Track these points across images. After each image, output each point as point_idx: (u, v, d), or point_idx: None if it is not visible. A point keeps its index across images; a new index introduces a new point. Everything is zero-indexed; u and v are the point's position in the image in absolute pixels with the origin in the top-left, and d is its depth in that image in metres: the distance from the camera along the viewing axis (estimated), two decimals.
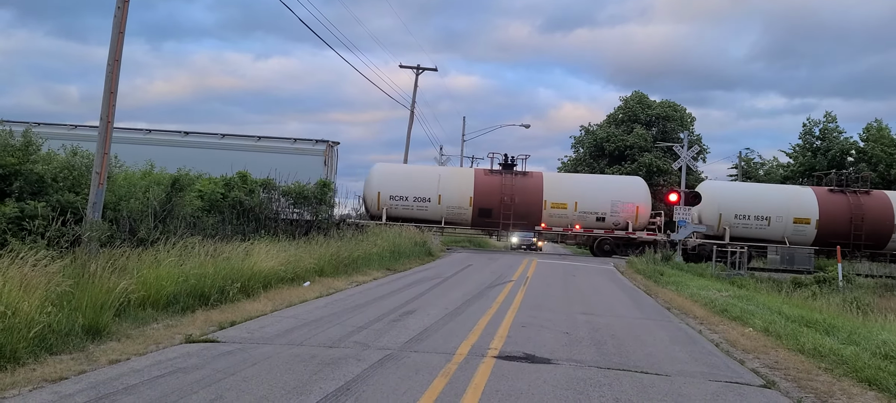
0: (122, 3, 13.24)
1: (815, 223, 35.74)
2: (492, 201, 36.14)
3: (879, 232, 35.86)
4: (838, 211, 36.16)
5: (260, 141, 32.69)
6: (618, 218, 36.34)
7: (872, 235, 35.74)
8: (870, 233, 35.61)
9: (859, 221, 35.43)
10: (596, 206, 36.37)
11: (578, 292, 18.22)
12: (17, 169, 12.29)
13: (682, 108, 65.07)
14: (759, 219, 36.04)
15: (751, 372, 9.11)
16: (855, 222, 35.50)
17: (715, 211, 36.21)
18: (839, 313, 16.07)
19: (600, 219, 36.38)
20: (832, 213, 36.03)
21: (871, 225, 35.64)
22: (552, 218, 36.57)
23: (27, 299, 7.83)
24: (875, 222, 35.78)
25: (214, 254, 13.62)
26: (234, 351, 8.43)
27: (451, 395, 6.86)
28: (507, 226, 34.92)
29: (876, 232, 35.76)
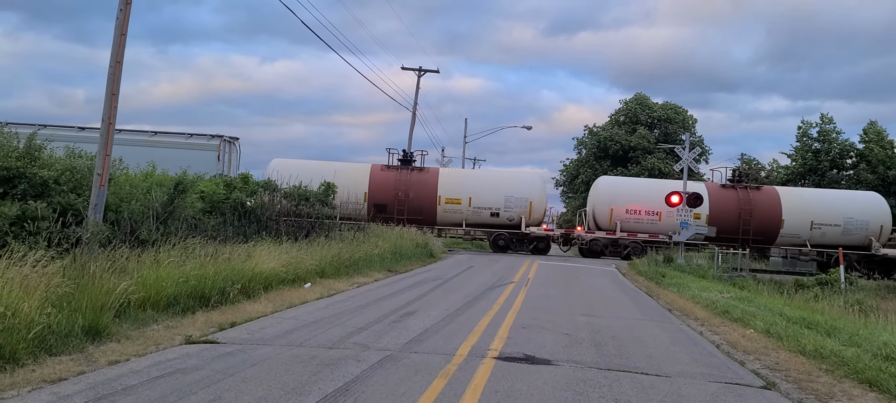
0: (123, 6, 13.24)
1: (706, 218, 36.19)
2: (387, 196, 36.32)
3: (768, 226, 36.55)
4: (728, 206, 36.78)
5: (155, 136, 32.70)
6: (512, 214, 36.51)
7: (761, 230, 36.43)
8: (758, 228, 36.29)
9: (748, 216, 36.15)
10: (489, 202, 36.51)
11: (580, 293, 18.21)
12: (21, 171, 12.30)
13: (683, 110, 65.04)
14: (650, 214, 36.59)
15: (751, 374, 9.09)
16: (743, 217, 36.23)
17: (607, 207, 36.82)
18: (841, 315, 16.05)
19: (494, 214, 36.55)
20: (722, 208, 36.63)
21: (760, 219, 36.36)
22: (447, 213, 36.82)
23: (27, 300, 7.83)
24: (763, 217, 36.50)
25: (215, 256, 13.62)
26: (234, 352, 8.43)
27: (450, 396, 6.85)
28: (402, 222, 34.90)
29: (764, 226, 36.46)
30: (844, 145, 52.92)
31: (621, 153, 60.71)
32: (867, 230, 36.41)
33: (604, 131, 64.01)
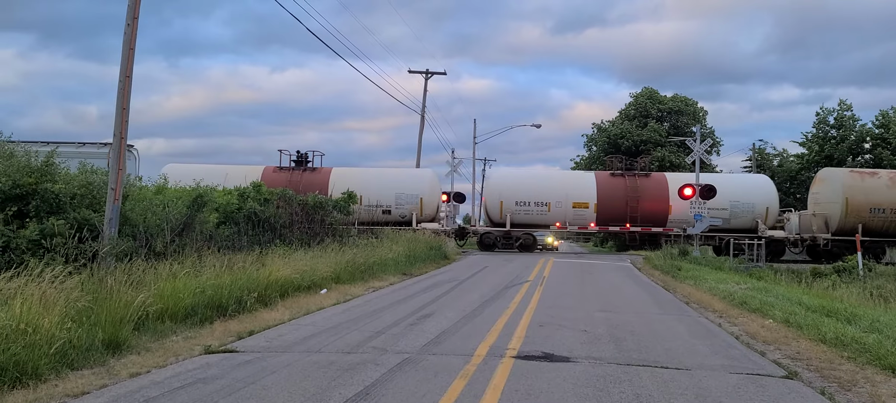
0: (130, 21, 13.34)
1: (594, 206, 36.57)
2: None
3: (656, 212, 36.64)
4: (616, 194, 36.95)
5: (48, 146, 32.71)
6: (404, 211, 36.71)
7: (649, 216, 36.55)
8: (646, 215, 36.40)
9: (635, 203, 36.28)
10: (381, 199, 36.65)
11: (595, 290, 18.16)
12: (33, 188, 12.39)
13: (693, 102, 64.72)
14: (538, 205, 36.82)
15: (772, 364, 9.04)
16: (631, 204, 36.40)
17: (497, 200, 37.06)
18: (860, 302, 15.91)
19: (386, 212, 36.75)
20: (610, 197, 36.84)
21: (648, 206, 36.45)
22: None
23: (47, 316, 7.88)
24: (652, 203, 36.57)
25: (230, 265, 13.68)
26: (254, 360, 8.45)
27: (471, 396, 6.84)
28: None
29: (652, 213, 36.55)
30: (862, 131, 52.48)
31: (632, 147, 60.49)
32: (754, 212, 36.47)
33: (614, 127, 63.81)
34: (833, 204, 36.01)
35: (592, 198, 36.91)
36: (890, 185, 35.68)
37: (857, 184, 36.05)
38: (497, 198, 37.29)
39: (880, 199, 35.30)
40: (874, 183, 36.16)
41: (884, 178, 36.63)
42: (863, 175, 37.64)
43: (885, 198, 35.38)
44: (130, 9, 13.36)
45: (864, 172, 38.75)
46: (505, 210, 37.13)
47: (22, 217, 12.36)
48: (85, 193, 13.50)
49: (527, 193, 37.29)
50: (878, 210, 35.44)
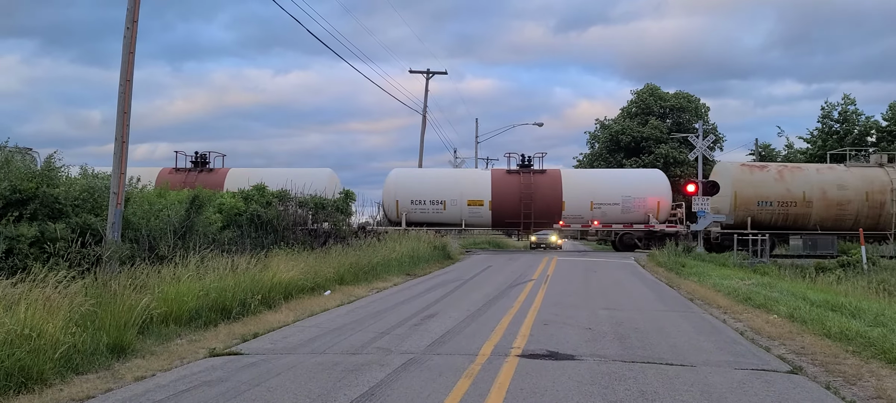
0: (130, 24, 13.36)
1: (488, 204, 36.51)
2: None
3: (549, 209, 36.70)
4: (510, 191, 36.91)
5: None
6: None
7: (543, 212, 36.64)
8: (540, 211, 36.49)
9: (529, 200, 36.39)
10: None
11: (600, 287, 18.14)
12: (34, 192, 12.40)
13: (696, 99, 64.59)
14: (434, 204, 36.84)
15: (777, 359, 9.02)
16: (524, 201, 36.49)
17: (393, 199, 37.11)
18: (865, 296, 15.89)
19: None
20: (504, 194, 36.80)
21: (542, 203, 36.48)
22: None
23: (51, 321, 7.90)
24: (545, 199, 36.62)
25: (234, 268, 13.69)
26: (258, 363, 8.45)
27: (476, 395, 6.84)
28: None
29: (546, 209, 36.62)
30: (867, 124, 52.34)
31: (634, 144, 60.42)
32: (646, 207, 36.47)
33: (616, 124, 63.73)
34: (724, 197, 36.41)
35: (487, 195, 36.77)
36: (778, 178, 36.10)
37: (746, 178, 36.46)
38: (393, 198, 37.17)
39: (768, 192, 35.72)
40: (762, 176, 36.62)
41: (772, 171, 37.06)
42: (752, 168, 38.10)
43: (772, 191, 35.78)
44: (130, 12, 13.39)
45: (754, 166, 39.15)
46: (401, 209, 37.04)
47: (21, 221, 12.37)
48: (86, 197, 13.51)
49: (422, 192, 37.18)
50: (766, 203, 35.91)
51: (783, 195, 35.64)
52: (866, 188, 35.87)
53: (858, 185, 35.92)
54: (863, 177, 36.12)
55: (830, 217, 35.78)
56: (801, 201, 35.69)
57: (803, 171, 37.01)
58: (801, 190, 35.83)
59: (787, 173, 36.78)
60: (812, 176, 36.38)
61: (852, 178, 36.10)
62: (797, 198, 35.64)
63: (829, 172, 36.87)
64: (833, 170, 37.25)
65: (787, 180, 36.24)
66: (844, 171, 36.79)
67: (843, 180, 36.03)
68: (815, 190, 35.82)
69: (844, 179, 36.08)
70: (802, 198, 35.69)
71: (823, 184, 35.88)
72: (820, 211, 35.72)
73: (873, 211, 35.84)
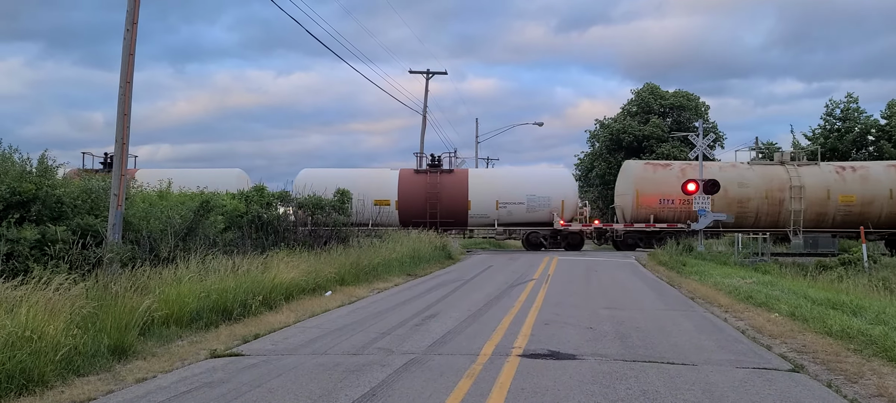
0: (130, 26, 13.36)
1: (395, 204, 36.63)
2: None
3: (456, 208, 36.75)
4: (417, 191, 36.96)
5: None
6: None
7: (449, 212, 36.73)
8: (447, 210, 36.59)
9: (435, 200, 36.50)
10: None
11: (600, 287, 18.14)
12: (34, 194, 12.41)
13: (695, 97, 64.58)
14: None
15: (778, 357, 9.02)
16: (430, 201, 36.60)
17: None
18: (866, 294, 15.87)
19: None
20: (411, 194, 36.85)
21: (448, 202, 36.51)
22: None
23: (52, 323, 7.90)
24: (451, 199, 36.65)
25: (235, 269, 13.69)
26: (259, 364, 8.45)
27: (477, 395, 6.84)
28: None
29: (452, 208, 36.68)
30: (868, 123, 52.39)
31: (635, 143, 60.41)
32: (550, 206, 36.51)
33: (616, 123, 63.71)
34: (627, 195, 36.66)
35: (394, 195, 36.74)
36: (680, 176, 36.22)
37: (649, 176, 36.74)
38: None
39: (670, 190, 35.89)
40: (665, 174, 36.90)
41: (675, 170, 37.33)
42: (655, 166, 38.39)
43: (675, 189, 35.87)
44: (129, 14, 13.39)
45: (657, 164, 39.44)
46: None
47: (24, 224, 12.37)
48: (85, 199, 13.52)
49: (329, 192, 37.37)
50: (668, 201, 36.19)
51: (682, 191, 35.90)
52: (766, 186, 36.40)
53: (759, 183, 36.45)
54: (764, 175, 36.64)
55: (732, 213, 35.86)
56: None
57: (706, 169, 37.19)
58: None
59: (689, 170, 37.07)
60: (714, 174, 36.55)
61: (754, 176, 36.58)
62: None
63: (731, 170, 37.33)
64: (736, 167, 37.75)
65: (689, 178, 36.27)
66: (746, 169, 37.27)
67: (744, 178, 36.48)
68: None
69: (746, 177, 36.51)
70: None
71: (725, 182, 36.11)
72: (722, 208, 35.83)
73: (773, 209, 36.39)
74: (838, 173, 37.19)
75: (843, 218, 36.54)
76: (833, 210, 36.53)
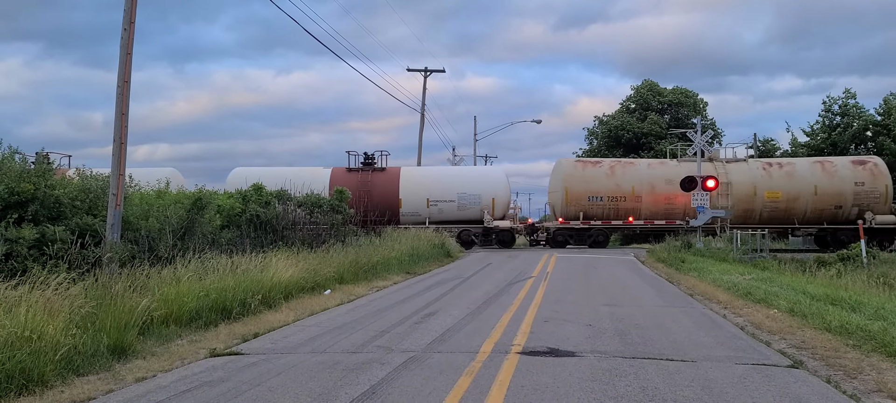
0: (127, 26, 13.34)
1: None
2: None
3: (387, 206, 36.88)
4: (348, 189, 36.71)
5: None
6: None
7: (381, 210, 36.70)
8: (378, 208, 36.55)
9: (367, 198, 36.52)
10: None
11: (599, 284, 18.15)
12: (33, 194, 12.39)
13: (693, 94, 64.71)
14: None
15: (777, 353, 9.03)
16: (362, 199, 36.48)
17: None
18: (865, 290, 15.90)
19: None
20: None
21: (380, 200, 36.64)
22: None
23: (51, 322, 7.90)
24: (383, 197, 36.85)
25: (234, 268, 13.68)
26: (259, 362, 8.46)
27: (477, 393, 6.84)
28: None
29: (384, 206, 36.76)
30: (866, 118, 52.41)
31: (633, 140, 60.45)
32: (481, 204, 36.58)
33: (615, 119, 63.76)
34: (557, 192, 36.83)
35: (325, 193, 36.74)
36: (609, 174, 36.66)
37: (578, 173, 36.99)
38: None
39: (599, 188, 36.36)
40: (594, 172, 37.17)
41: (604, 167, 37.64)
42: (585, 164, 38.69)
43: (603, 186, 36.34)
44: (127, 14, 13.37)
45: (588, 161, 39.98)
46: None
47: (22, 224, 12.35)
48: (83, 198, 13.50)
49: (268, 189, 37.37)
50: (597, 198, 36.53)
51: (613, 190, 36.43)
52: None
53: None
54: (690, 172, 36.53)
55: (660, 211, 36.54)
56: (631, 196, 36.49)
57: (635, 166, 37.79)
58: (630, 185, 36.60)
59: (619, 168, 37.44)
60: (642, 171, 37.12)
61: (681, 173, 36.46)
62: (626, 193, 36.45)
63: (659, 167, 37.67)
64: (664, 165, 38.09)
65: (618, 175, 36.91)
66: (675, 166, 37.49)
67: (671, 175, 36.61)
68: (644, 185, 36.63)
69: (673, 174, 36.65)
70: (632, 192, 36.53)
71: (652, 179, 36.57)
72: (649, 205, 36.51)
73: None
74: (765, 170, 37.48)
75: (769, 214, 36.84)
76: (760, 206, 36.79)
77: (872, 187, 36.20)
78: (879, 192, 36.17)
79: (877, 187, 36.23)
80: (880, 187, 36.27)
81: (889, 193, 36.38)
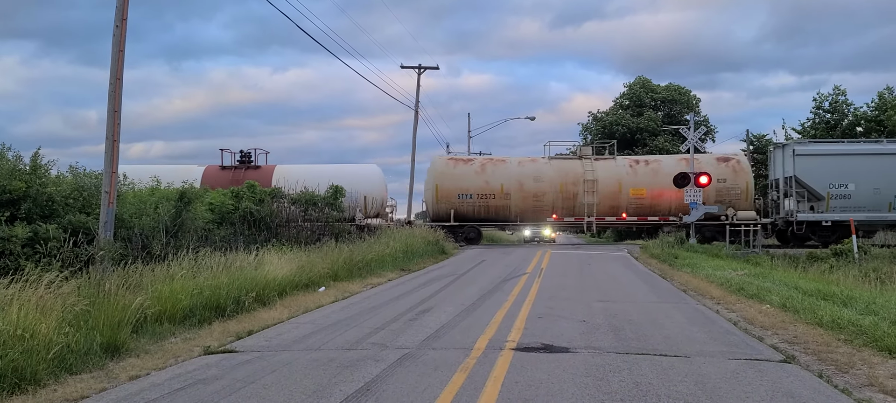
0: (119, 23, 13.29)
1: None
2: None
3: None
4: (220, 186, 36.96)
5: None
6: None
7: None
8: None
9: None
10: None
11: (593, 280, 18.18)
12: (25, 192, 12.35)
13: (687, 91, 64.72)
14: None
15: (770, 348, 9.07)
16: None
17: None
18: (856, 285, 15.95)
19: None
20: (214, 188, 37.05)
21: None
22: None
23: (44, 321, 7.87)
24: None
25: (227, 266, 13.66)
26: (253, 360, 8.45)
27: (471, 389, 6.85)
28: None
29: None
30: (857, 114, 52.64)
31: (627, 136, 60.48)
32: (355, 202, 36.25)
33: (609, 116, 63.79)
34: (429, 190, 36.96)
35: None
36: (479, 171, 36.73)
37: (449, 171, 37.05)
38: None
39: (468, 185, 36.46)
40: (465, 169, 37.25)
41: (475, 165, 37.78)
42: (456, 162, 38.62)
43: (472, 183, 36.42)
44: (118, 11, 13.32)
45: (459, 159, 39.75)
46: None
47: (14, 222, 12.32)
48: (76, 197, 13.46)
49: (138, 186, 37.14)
50: (466, 195, 36.64)
51: (482, 187, 36.45)
52: (561, 179, 36.80)
53: (554, 177, 36.84)
54: (559, 170, 37.09)
55: (529, 208, 36.56)
56: (500, 193, 36.51)
57: (506, 164, 37.69)
58: (499, 182, 36.60)
59: (489, 166, 37.48)
60: (512, 168, 37.11)
61: (550, 170, 37.02)
62: (495, 191, 36.45)
63: (530, 165, 37.71)
64: (535, 162, 38.13)
65: (488, 173, 36.91)
66: (544, 164, 37.68)
67: (540, 172, 36.89)
68: (512, 182, 36.65)
69: (542, 171, 36.92)
70: (501, 190, 36.53)
71: (521, 177, 36.62)
72: (518, 203, 36.55)
73: (567, 202, 36.79)
74: (632, 166, 37.60)
75: (635, 210, 36.94)
76: (625, 202, 36.82)
77: (734, 183, 36.35)
78: (740, 189, 36.33)
79: (738, 184, 36.39)
80: (741, 184, 36.41)
81: (750, 189, 36.63)
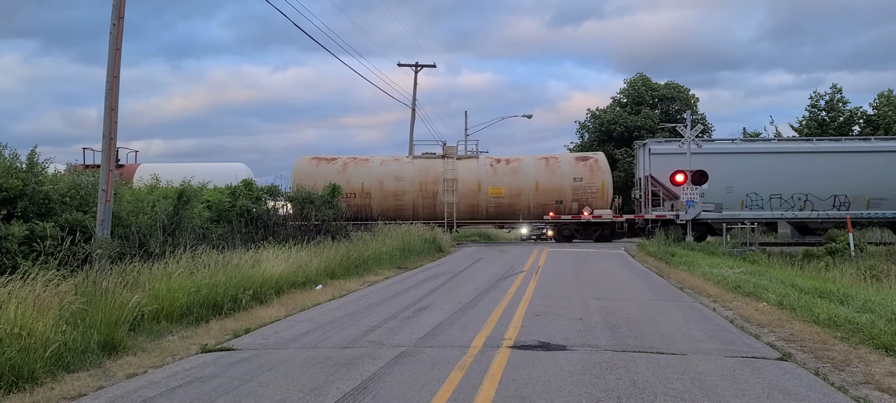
0: (116, 21, 13.27)
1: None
2: None
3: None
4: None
5: None
6: None
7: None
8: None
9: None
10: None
11: (590, 278, 18.20)
12: (22, 190, 12.32)
13: (685, 89, 64.70)
14: None
15: (767, 346, 9.08)
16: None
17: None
18: (853, 282, 15.99)
19: None
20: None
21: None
22: None
23: (41, 319, 7.87)
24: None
25: (225, 264, 13.65)
26: (250, 358, 8.45)
27: (469, 387, 6.86)
28: None
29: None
30: (852, 112, 52.78)
31: (625, 134, 60.47)
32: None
33: (607, 113, 63.78)
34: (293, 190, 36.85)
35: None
36: (341, 171, 36.80)
37: (310, 170, 36.97)
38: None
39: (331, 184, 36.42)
40: (327, 169, 37.17)
41: (338, 164, 37.75)
42: (319, 161, 38.41)
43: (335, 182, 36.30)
44: (115, 9, 13.30)
45: (322, 158, 39.45)
46: None
47: (11, 220, 12.29)
48: (74, 195, 13.44)
49: None
50: None
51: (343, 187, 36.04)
52: (421, 179, 36.95)
53: (414, 176, 36.99)
54: (421, 169, 37.20)
55: (390, 207, 36.61)
56: (361, 192, 36.60)
57: (368, 163, 37.71)
58: (360, 181, 36.74)
59: (351, 165, 37.45)
60: (374, 168, 37.21)
61: (411, 170, 37.14)
62: (357, 190, 36.50)
63: (393, 164, 37.85)
64: (398, 161, 38.26)
65: (350, 172, 36.94)
66: (407, 163, 37.86)
67: (402, 172, 37.08)
68: (373, 181, 36.83)
69: (403, 171, 37.09)
70: (361, 189, 36.66)
71: (382, 176, 36.76)
72: (379, 202, 36.68)
73: (428, 201, 36.94)
74: (492, 166, 37.64)
75: (495, 209, 37.14)
76: (484, 202, 36.97)
77: (590, 182, 36.57)
78: (596, 187, 36.54)
79: (594, 182, 36.59)
80: (597, 182, 36.61)
81: (606, 188, 36.83)
